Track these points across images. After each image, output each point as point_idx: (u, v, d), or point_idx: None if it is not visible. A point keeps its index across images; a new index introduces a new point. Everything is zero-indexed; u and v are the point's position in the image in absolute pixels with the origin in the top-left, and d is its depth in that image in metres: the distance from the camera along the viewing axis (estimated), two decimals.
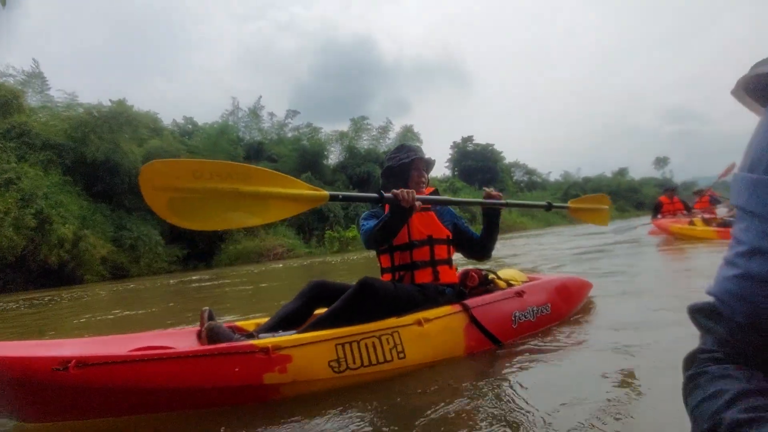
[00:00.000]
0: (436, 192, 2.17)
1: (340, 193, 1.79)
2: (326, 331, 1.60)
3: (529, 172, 48.62)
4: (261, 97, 38.47)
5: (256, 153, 27.32)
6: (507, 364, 1.69)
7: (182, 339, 1.78)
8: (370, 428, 1.25)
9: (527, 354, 1.79)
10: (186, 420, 1.40)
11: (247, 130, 29.59)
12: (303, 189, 1.67)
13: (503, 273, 2.40)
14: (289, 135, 29.56)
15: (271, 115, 30.75)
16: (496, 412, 1.27)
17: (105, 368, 1.29)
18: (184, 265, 18.07)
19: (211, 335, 1.61)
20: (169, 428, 1.40)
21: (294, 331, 1.73)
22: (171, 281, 10.44)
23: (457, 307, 1.89)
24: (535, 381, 1.49)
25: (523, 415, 1.23)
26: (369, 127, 29.45)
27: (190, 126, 28.30)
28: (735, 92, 0.53)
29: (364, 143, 28.68)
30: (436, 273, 2.01)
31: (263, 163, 25.69)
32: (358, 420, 1.30)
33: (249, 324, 1.97)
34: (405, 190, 1.80)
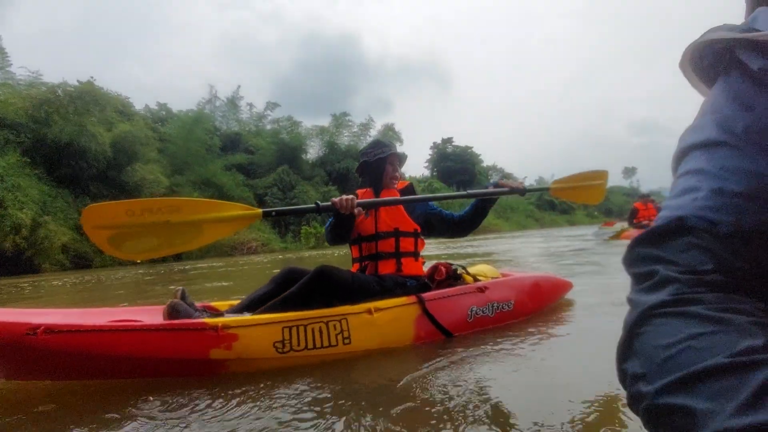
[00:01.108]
0: (411, 186, 2.27)
1: (274, 210, 1.88)
2: (275, 315, 1.69)
3: (506, 176, 49.56)
4: (240, 86, 37.56)
5: (232, 144, 26.59)
6: (451, 354, 1.73)
7: (153, 315, 1.89)
8: (306, 404, 1.32)
9: (475, 346, 1.83)
10: (137, 387, 1.52)
11: (224, 120, 28.79)
12: (235, 210, 1.79)
13: (474, 269, 2.44)
14: (268, 127, 28.96)
15: (250, 105, 30.13)
16: (426, 396, 1.34)
17: (69, 335, 1.45)
18: None
19: (172, 312, 1.71)
20: (121, 394, 1.48)
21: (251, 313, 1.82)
22: (139, 271, 9.96)
23: (411, 299, 1.93)
24: (475, 370, 1.55)
25: (448, 400, 1.29)
26: (350, 123, 29.22)
27: (164, 113, 27.27)
28: (681, 65, 0.50)
29: (344, 139, 28.42)
30: (399, 264, 2.08)
31: (240, 155, 25.04)
32: (294, 397, 1.37)
33: (223, 305, 2.06)
34: (344, 197, 1.88)
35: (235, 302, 2.06)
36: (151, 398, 1.41)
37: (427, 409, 1.22)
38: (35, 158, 14.77)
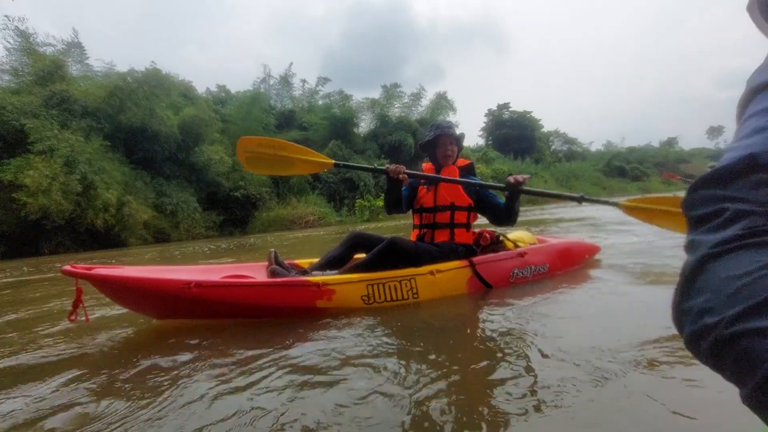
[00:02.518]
0: (471, 165, 2.63)
1: (342, 163, 2.55)
2: (361, 275, 2.20)
3: (569, 142, 46.19)
4: (292, 63, 38.16)
5: (287, 121, 27.26)
6: (490, 301, 2.23)
7: (257, 271, 2.45)
8: (383, 336, 1.82)
9: (508, 296, 2.30)
10: (261, 326, 2.03)
11: (279, 98, 29.45)
12: (317, 157, 2.50)
13: (513, 235, 2.81)
14: (320, 103, 29.20)
15: (304, 82, 30.41)
16: (477, 332, 1.84)
17: (212, 288, 1.99)
18: (220, 230, 18.61)
19: (272, 276, 2.24)
20: (250, 330, 2.00)
21: (336, 271, 2.34)
22: (223, 244, 10.71)
23: (465, 263, 2.39)
24: (506, 312, 2.03)
25: (491, 329, 1.83)
26: (401, 94, 28.54)
27: (224, 94, 28.47)
28: (749, 7, 0.47)
29: (396, 111, 27.92)
30: (452, 234, 2.48)
31: (294, 132, 25.68)
32: (379, 332, 1.87)
33: (304, 262, 2.60)
34: (395, 166, 2.35)
35: (312, 260, 2.58)
36: (268, 331, 1.93)
37: (475, 343, 1.71)
38: (115, 143, 16.19)
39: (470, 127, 59.59)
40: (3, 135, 13.43)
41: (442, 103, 29.03)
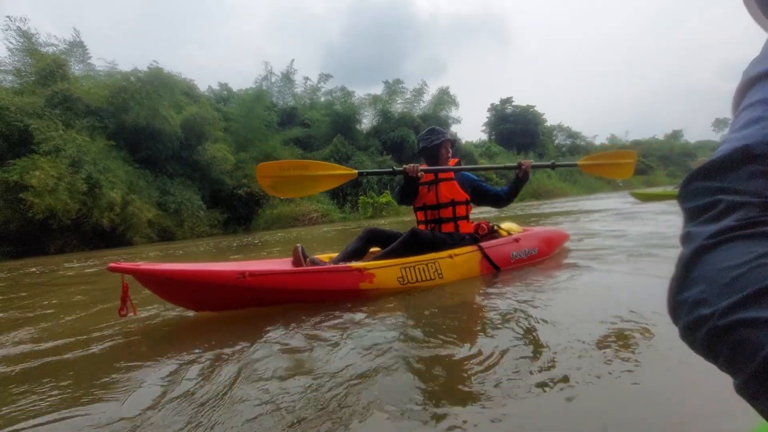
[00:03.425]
0: (459, 162, 2.96)
1: (365, 171, 2.80)
2: (395, 260, 2.51)
3: (572, 136, 45.90)
4: (293, 60, 38.06)
5: (289, 118, 27.27)
6: (503, 282, 2.60)
7: (282, 266, 2.56)
8: (418, 310, 2.14)
9: (513, 276, 2.73)
10: (308, 309, 2.18)
11: (281, 95, 29.46)
12: (340, 170, 2.65)
13: (504, 225, 3.22)
14: (322, 99, 29.18)
15: (306, 79, 30.38)
16: (492, 305, 2.14)
17: (267, 277, 2.17)
18: (225, 228, 18.69)
19: (312, 265, 2.48)
20: (298, 313, 2.14)
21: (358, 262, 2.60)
22: (228, 243, 10.76)
23: (475, 248, 2.79)
24: (515, 290, 2.38)
25: (503, 302, 2.17)
26: (403, 90, 28.48)
27: (225, 92, 28.51)
28: (747, 1, 0.46)
29: (398, 107, 27.86)
30: (456, 226, 2.87)
31: (296, 129, 25.71)
32: (412, 308, 2.19)
33: (325, 257, 2.79)
34: (412, 165, 2.61)
35: (331, 255, 2.81)
36: (318, 312, 2.12)
37: (489, 314, 1.98)
38: (119, 142, 16.27)
39: (473, 122, 59.21)
40: (7, 135, 13.50)
41: (444, 98, 28.96)
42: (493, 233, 3.08)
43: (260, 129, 23.12)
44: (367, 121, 27.49)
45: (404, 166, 2.60)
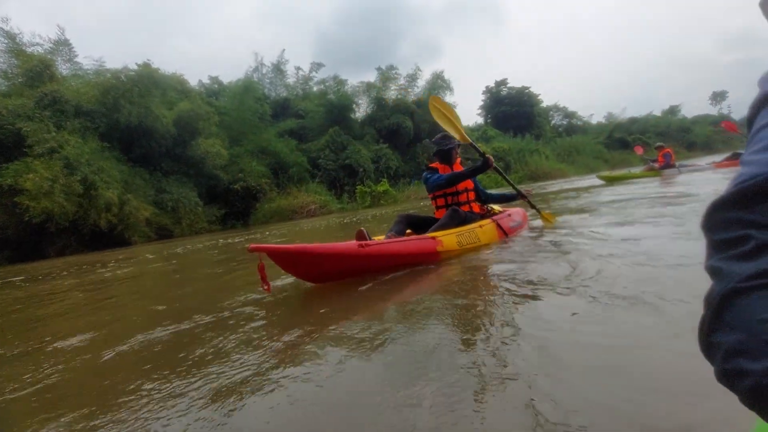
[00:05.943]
0: (461, 161, 3.84)
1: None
2: (451, 230, 3.25)
3: (569, 115, 45.48)
4: (284, 50, 37.50)
5: (282, 110, 27.00)
6: (509, 245, 3.41)
7: (354, 245, 2.80)
8: (467, 266, 2.87)
9: (516, 242, 3.52)
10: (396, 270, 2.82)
11: (273, 86, 29.09)
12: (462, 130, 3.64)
13: (495, 207, 4.15)
14: (315, 89, 28.83)
15: (298, 69, 29.96)
16: (511, 256, 2.96)
17: (379, 245, 2.72)
18: (223, 224, 18.66)
19: (394, 237, 3.10)
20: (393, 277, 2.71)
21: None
22: (227, 239, 10.73)
23: (491, 221, 3.65)
24: (522, 254, 3.06)
25: (511, 256, 3.05)
26: (397, 76, 28.08)
27: (216, 86, 28.13)
28: (762, 4, 0.43)
29: (392, 93, 27.52)
30: (471, 207, 3.70)
31: (290, 120, 25.45)
32: (463, 263, 2.95)
33: (378, 238, 3.16)
34: (491, 158, 3.51)
35: (379, 237, 3.25)
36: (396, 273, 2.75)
37: (509, 271, 2.46)
38: (112, 142, 16.12)
39: (468, 106, 58.80)
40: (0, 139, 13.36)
41: (438, 83, 28.56)
42: (488, 212, 4.03)
43: (253, 122, 22.88)
44: (361, 110, 27.22)
45: (488, 156, 3.47)
